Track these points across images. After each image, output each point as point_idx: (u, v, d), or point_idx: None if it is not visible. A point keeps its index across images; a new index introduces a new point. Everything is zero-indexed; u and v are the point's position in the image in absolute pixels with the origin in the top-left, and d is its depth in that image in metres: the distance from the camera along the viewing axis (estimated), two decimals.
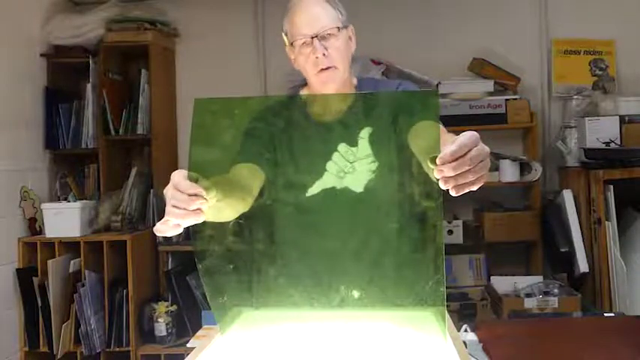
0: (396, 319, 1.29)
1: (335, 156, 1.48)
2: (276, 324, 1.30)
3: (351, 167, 1.48)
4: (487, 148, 0.96)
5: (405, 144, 1.41)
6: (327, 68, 1.46)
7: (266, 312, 1.41)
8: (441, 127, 1.28)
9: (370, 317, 1.31)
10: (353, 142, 1.49)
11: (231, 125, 1.41)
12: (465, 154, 0.93)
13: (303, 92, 1.62)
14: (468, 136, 0.95)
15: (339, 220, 1.50)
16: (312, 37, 1.44)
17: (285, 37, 1.51)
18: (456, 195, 0.98)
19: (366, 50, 3.14)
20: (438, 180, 0.97)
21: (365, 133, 1.49)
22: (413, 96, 1.53)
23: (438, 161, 0.94)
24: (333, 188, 1.47)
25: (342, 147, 1.49)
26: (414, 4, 3.39)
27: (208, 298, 1.19)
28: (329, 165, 1.48)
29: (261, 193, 1.47)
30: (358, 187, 1.48)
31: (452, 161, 0.93)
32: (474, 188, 0.98)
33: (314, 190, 1.49)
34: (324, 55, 1.44)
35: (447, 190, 0.98)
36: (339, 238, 1.50)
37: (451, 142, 0.94)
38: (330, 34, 1.45)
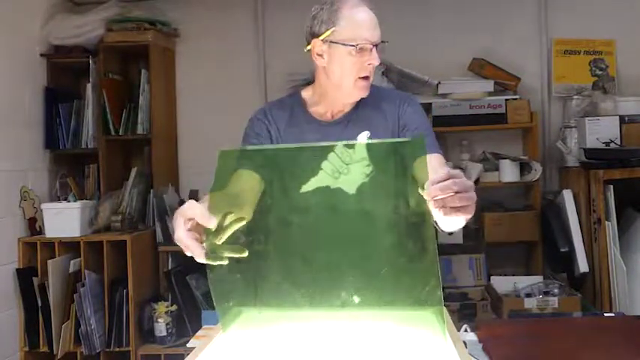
0: (396, 319, 1.29)
1: (331, 156, 1.48)
2: (277, 324, 1.30)
3: (347, 168, 1.48)
4: (471, 182, 1.06)
5: (398, 151, 1.49)
6: (367, 77, 1.49)
7: (266, 312, 1.41)
8: (442, 158, 1.47)
9: (370, 317, 1.31)
10: (350, 144, 1.50)
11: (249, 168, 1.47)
12: (450, 178, 1.03)
13: (306, 92, 1.62)
14: (455, 170, 1.06)
15: (331, 220, 1.51)
16: (373, 45, 1.46)
17: (326, 30, 1.47)
18: (447, 229, 1.11)
19: None
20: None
21: (363, 137, 1.52)
22: (402, 145, 1.56)
23: (428, 183, 1.04)
24: (327, 187, 1.48)
25: (339, 148, 1.49)
26: (414, 4, 3.39)
27: (214, 300, 1.19)
28: (324, 164, 1.48)
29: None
30: (351, 188, 1.49)
31: (439, 182, 1.03)
32: (461, 217, 1.06)
33: (308, 187, 1.49)
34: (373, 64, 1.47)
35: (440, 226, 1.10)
36: (331, 237, 1.51)
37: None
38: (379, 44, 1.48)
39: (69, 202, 3.06)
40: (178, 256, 3.21)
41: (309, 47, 1.52)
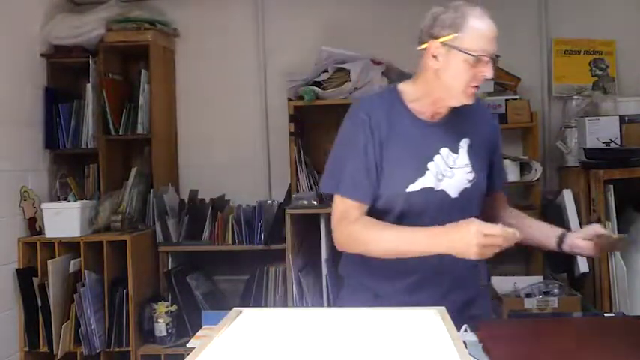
0: (397, 318, 1.29)
1: (437, 158, 1.55)
2: (276, 324, 1.30)
3: (451, 172, 1.55)
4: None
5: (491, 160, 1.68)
6: (477, 86, 1.52)
7: (266, 312, 1.41)
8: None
9: (370, 317, 1.31)
10: (454, 149, 1.57)
11: None
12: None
13: (404, 86, 1.63)
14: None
15: (431, 219, 1.52)
16: (490, 58, 1.49)
17: (448, 34, 1.48)
18: None
19: (366, 50, 3.14)
20: None
21: (464, 144, 1.58)
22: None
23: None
24: (431, 189, 1.53)
25: (445, 151, 1.56)
26: (413, 3, 3.38)
27: None
28: (430, 165, 1.54)
29: None
30: (454, 192, 1.55)
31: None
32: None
33: (415, 187, 1.53)
34: None
35: None
36: None
37: None
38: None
39: (69, 202, 3.06)
40: (178, 256, 3.21)
41: (424, 46, 1.53)
